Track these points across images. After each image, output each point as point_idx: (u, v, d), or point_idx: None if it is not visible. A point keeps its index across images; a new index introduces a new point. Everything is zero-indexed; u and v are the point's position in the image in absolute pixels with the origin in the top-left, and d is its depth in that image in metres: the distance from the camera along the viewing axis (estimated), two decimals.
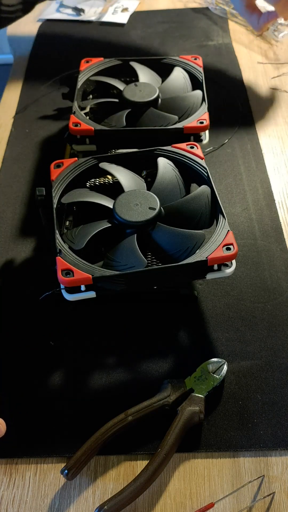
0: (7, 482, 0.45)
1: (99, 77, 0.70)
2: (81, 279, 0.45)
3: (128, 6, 1.01)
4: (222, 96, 0.80)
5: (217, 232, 0.49)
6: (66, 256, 0.47)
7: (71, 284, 0.46)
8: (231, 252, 0.46)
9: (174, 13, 0.99)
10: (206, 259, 0.46)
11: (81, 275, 0.45)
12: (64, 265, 0.46)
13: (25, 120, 0.78)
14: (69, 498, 0.44)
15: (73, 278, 0.45)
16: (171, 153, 0.57)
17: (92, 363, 0.51)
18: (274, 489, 0.43)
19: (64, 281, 0.45)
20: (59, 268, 0.46)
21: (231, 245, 0.47)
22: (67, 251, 0.48)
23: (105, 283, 0.46)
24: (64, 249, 0.48)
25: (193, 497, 0.43)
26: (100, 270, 0.46)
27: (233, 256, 0.47)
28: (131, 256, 0.48)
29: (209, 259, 0.46)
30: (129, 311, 0.55)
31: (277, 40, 0.91)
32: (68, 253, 0.48)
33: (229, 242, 0.47)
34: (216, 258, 0.46)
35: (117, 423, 0.45)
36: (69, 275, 0.45)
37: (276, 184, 0.67)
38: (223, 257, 0.46)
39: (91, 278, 0.45)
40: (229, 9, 0.97)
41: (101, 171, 0.57)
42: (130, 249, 0.49)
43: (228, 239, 0.47)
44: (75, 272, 0.46)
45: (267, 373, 0.50)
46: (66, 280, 0.45)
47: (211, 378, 0.48)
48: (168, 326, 0.54)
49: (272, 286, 0.56)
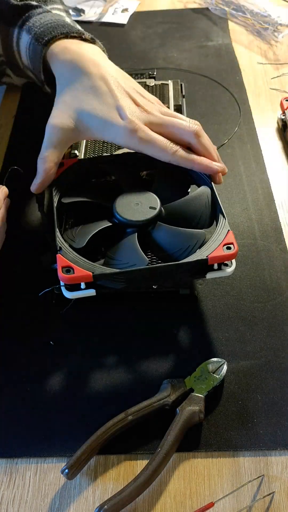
0: (7, 482, 0.45)
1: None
2: (82, 277, 0.45)
3: (128, 6, 1.01)
4: (222, 96, 0.80)
5: (218, 231, 0.49)
6: (66, 254, 0.47)
7: (71, 281, 0.46)
8: (232, 251, 0.47)
9: (174, 14, 0.99)
10: (206, 258, 0.46)
11: (81, 272, 0.45)
12: (64, 262, 0.46)
13: (25, 120, 0.78)
14: (69, 497, 0.44)
15: (74, 276, 0.45)
16: None
17: (92, 363, 0.51)
18: (273, 489, 0.43)
19: (64, 278, 0.45)
20: (59, 265, 0.46)
21: (231, 244, 0.47)
22: (67, 249, 0.48)
23: (105, 280, 0.46)
24: (65, 247, 0.48)
25: (193, 496, 0.43)
26: (101, 268, 0.46)
27: (233, 255, 0.47)
28: (132, 254, 0.48)
29: (209, 258, 0.46)
30: (129, 311, 0.55)
31: (277, 40, 0.91)
32: (68, 250, 0.48)
33: (229, 242, 0.47)
34: (217, 257, 0.46)
35: (117, 423, 0.45)
36: (70, 272, 0.45)
37: (276, 184, 0.67)
38: (223, 256, 0.47)
39: (92, 276, 0.45)
40: (229, 10, 0.97)
41: (102, 171, 0.57)
42: (131, 248, 0.49)
43: (229, 239, 0.48)
44: (75, 269, 0.46)
45: (267, 373, 0.50)
46: (67, 277, 0.45)
47: (211, 378, 0.48)
48: (168, 326, 0.54)
49: (272, 286, 0.56)
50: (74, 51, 0.56)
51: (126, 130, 0.51)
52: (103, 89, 0.53)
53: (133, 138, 0.51)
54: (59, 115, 0.54)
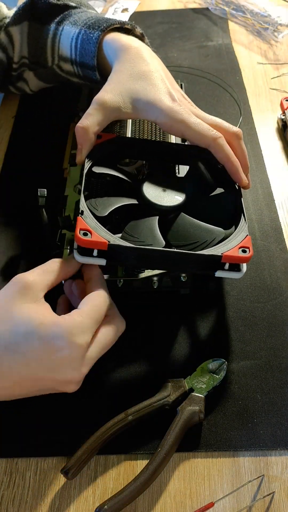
0: (8, 482, 0.45)
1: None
2: (97, 243, 0.46)
3: (128, 6, 1.01)
4: (222, 96, 0.80)
5: (236, 233, 0.49)
6: (87, 218, 0.48)
7: (86, 245, 0.46)
8: (247, 254, 0.47)
9: (174, 14, 0.99)
10: (221, 255, 0.47)
11: (98, 238, 0.46)
12: (83, 225, 0.47)
13: (25, 120, 0.78)
14: (69, 497, 0.44)
15: (90, 239, 0.46)
16: (208, 155, 0.55)
17: None
18: (273, 489, 0.43)
19: (81, 240, 0.46)
20: (78, 227, 0.46)
21: (247, 248, 0.47)
22: (89, 214, 0.48)
23: (118, 253, 0.47)
24: (87, 212, 0.49)
25: (193, 496, 0.43)
26: (118, 239, 0.47)
27: (247, 259, 0.47)
28: (150, 235, 0.49)
29: (223, 255, 0.47)
30: (129, 311, 0.55)
31: (277, 40, 0.91)
32: (89, 216, 0.48)
33: (246, 245, 0.48)
34: (231, 256, 0.47)
35: (117, 423, 0.45)
36: (87, 236, 0.46)
37: (276, 184, 0.67)
38: (237, 257, 0.47)
39: (107, 244, 0.46)
40: (229, 10, 0.97)
41: (137, 152, 0.57)
42: (150, 229, 0.50)
43: (246, 242, 0.48)
44: (93, 234, 0.46)
45: (267, 373, 0.50)
46: (83, 240, 0.46)
47: (211, 378, 0.48)
48: (168, 326, 0.54)
49: (272, 286, 0.56)
50: (131, 39, 0.60)
51: (172, 109, 0.53)
52: (158, 76, 0.56)
53: (177, 115, 0.53)
54: (111, 91, 0.55)
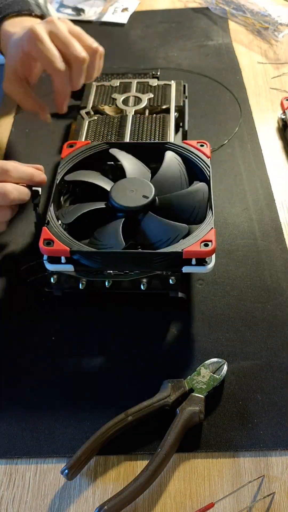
0: (7, 482, 0.45)
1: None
2: (59, 250, 0.48)
3: (128, 6, 1.01)
4: (222, 96, 0.80)
5: (201, 227, 0.50)
6: (52, 228, 0.50)
7: (49, 254, 0.49)
8: (208, 248, 0.47)
9: (174, 13, 0.99)
10: (181, 251, 0.47)
11: (60, 246, 0.48)
12: (47, 235, 0.49)
13: (25, 120, 0.78)
14: (69, 498, 0.44)
15: (52, 248, 0.48)
16: (180, 149, 0.58)
17: (92, 363, 0.51)
18: (274, 489, 0.43)
19: (44, 249, 0.49)
20: (42, 237, 0.49)
21: (210, 241, 0.48)
22: (54, 224, 0.50)
23: (82, 258, 0.49)
24: (53, 221, 0.51)
25: (193, 497, 0.43)
26: (80, 245, 0.49)
27: (210, 253, 0.47)
28: (112, 237, 0.50)
29: (184, 251, 0.47)
30: (129, 312, 0.55)
31: (277, 40, 0.91)
32: (55, 225, 0.50)
33: (208, 239, 0.48)
34: (192, 252, 0.47)
35: (117, 423, 0.45)
36: (50, 245, 0.48)
37: (276, 184, 0.67)
38: (199, 252, 0.47)
39: (69, 251, 0.48)
40: (229, 9, 0.97)
41: (110, 156, 0.58)
42: (113, 231, 0.50)
43: (209, 236, 0.48)
44: (55, 243, 0.48)
45: (267, 373, 0.50)
46: (46, 249, 0.48)
47: (211, 378, 0.48)
48: (168, 326, 0.54)
49: (272, 286, 0.56)
50: (21, 26, 0.63)
51: None
52: None
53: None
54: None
